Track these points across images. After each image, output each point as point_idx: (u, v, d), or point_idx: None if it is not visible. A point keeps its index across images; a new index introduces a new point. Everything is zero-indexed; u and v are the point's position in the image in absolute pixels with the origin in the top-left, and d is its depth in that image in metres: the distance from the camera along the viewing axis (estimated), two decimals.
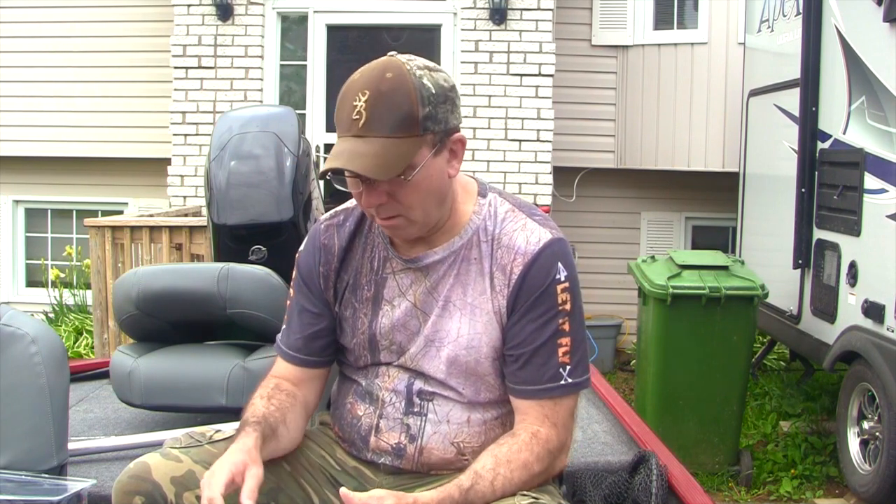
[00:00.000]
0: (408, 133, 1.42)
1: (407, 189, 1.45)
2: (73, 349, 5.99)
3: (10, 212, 7.10)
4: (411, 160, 1.43)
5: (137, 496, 1.45)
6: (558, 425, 1.52)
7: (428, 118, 1.43)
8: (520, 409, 1.54)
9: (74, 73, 6.73)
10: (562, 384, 1.51)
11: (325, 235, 1.66)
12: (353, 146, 1.42)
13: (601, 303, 6.68)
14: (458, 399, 1.58)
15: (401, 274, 1.59)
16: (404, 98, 1.41)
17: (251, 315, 2.58)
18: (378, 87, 1.42)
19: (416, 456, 1.58)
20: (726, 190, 6.25)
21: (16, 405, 1.70)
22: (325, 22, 6.17)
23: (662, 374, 4.23)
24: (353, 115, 1.42)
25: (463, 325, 1.55)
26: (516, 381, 1.53)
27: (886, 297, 3.73)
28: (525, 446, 1.47)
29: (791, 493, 4.21)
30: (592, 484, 2.16)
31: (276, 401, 1.58)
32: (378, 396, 1.61)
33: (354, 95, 1.42)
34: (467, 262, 1.56)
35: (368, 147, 1.41)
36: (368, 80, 1.43)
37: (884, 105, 3.86)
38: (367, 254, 1.63)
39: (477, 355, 1.55)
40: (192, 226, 4.95)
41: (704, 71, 6.41)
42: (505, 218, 1.57)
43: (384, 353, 1.61)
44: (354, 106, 1.42)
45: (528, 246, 1.53)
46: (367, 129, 1.41)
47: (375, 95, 1.41)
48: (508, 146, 6.01)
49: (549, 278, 1.51)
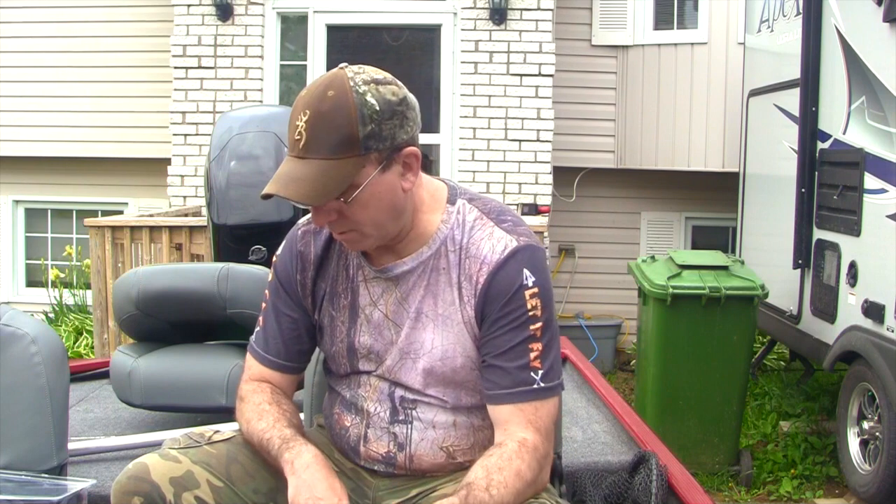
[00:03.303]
0: (348, 154, 1.40)
1: (353, 208, 1.44)
2: (73, 349, 5.99)
3: (10, 212, 7.10)
4: (352, 181, 1.41)
5: (136, 496, 1.45)
6: (542, 431, 1.49)
7: (370, 137, 1.40)
8: (501, 418, 1.50)
9: (74, 73, 6.73)
10: (534, 388, 1.49)
11: (302, 242, 1.64)
12: (292, 168, 1.41)
13: (601, 303, 6.68)
14: (441, 405, 1.57)
15: (372, 282, 1.59)
16: (344, 118, 1.39)
17: (251, 315, 2.58)
18: (318, 108, 1.40)
19: (407, 463, 1.58)
20: (726, 190, 6.25)
21: (16, 405, 1.70)
22: (325, 22, 6.17)
23: (662, 374, 4.23)
24: (294, 136, 1.41)
25: (436, 336, 1.54)
26: (489, 385, 1.51)
27: (886, 297, 3.73)
28: (515, 454, 1.44)
29: (791, 493, 4.21)
30: (592, 484, 2.16)
31: (285, 406, 1.59)
32: (363, 407, 1.60)
33: (298, 114, 1.41)
34: (436, 272, 1.55)
35: (307, 170, 1.40)
36: (310, 98, 1.41)
37: (884, 105, 3.85)
38: (342, 261, 1.62)
39: (453, 365, 1.54)
40: (192, 226, 4.95)
41: (704, 71, 6.41)
42: (473, 226, 1.55)
43: (363, 362, 1.60)
44: (297, 126, 1.41)
45: (493, 255, 1.51)
46: (306, 150, 1.40)
47: (315, 116, 1.39)
48: (508, 146, 6.01)
49: (515, 285, 1.49)
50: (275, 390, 1.63)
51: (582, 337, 6.20)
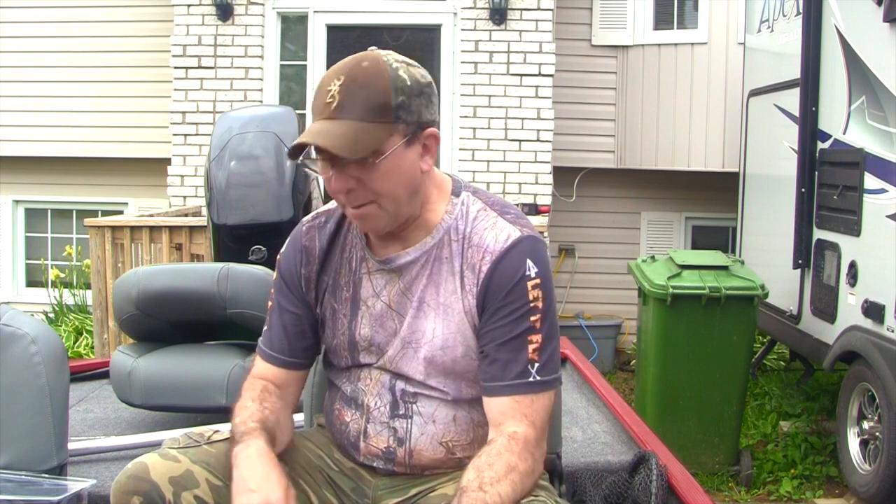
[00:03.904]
0: (379, 119, 1.43)
1: (376, 174, 1.45)
2: (73, 349, 5.99)
3: (10, 212, 7.10)
4: (381, 145, 1.44)
5: (136, 496, 1.45)
6: (536, 425, 1.48)
7: (400, 107, 1.44)
8: (495, 410, 1.49)
9: (74, 73, 6.73)
10: (530, 381, 1.49)
11: (307, 237, 1.65)
12: (322, 126, 1.43)
13: (601, 303, 6.68)
14: (442, 398, 1.57)
15: (375, 274, 1.59)
16: (378, 85, 1.43)
17: (251, 315, 2.58)
18: (353, 74, 1.44)
19: (406, 458, 1.58)
20: (726, 190, 6.25)
21: (16, 405, 1.70)
22: (325, 22, 6.17)
23: (662, 374, 4.23)
24: (326, 99, 1.43)
25: (437, 325, 1.54)
26: (485, 377, 1.51)
27: (886, 297, 3.73)
28: (504, 448, 1.43)
29: (791, 493, 4.21)
30: (592, 484, 2.16)
31: (268, 403, 1.58)
32: (363, 402, 1.60)
33: (330, 81, 1.44)
34: (439, 261, 1.56)
35: (339, 128, 1.42)
36: (344, 67, 1.45)
37: (884, 105, 3.85)
38: (345, 254, 1.63)
39: (453, 355, 1.54)
40: (192, 226, 4.95)
41: (704, 71, 6.41)
42: (476, 217, 1.56)
43: (364, 354, 1.60)
44: (328, 90, 1.43)
45: (496, 244, 1.52)
46: (338, 111, 1.42)
47: (350, 80, 1.43)
48: (508, 146, 6.01)
49: (517, 275, 1.50)
50: (266, 387, 1.63)
51: (582, 337, 6.20)
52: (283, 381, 1.65)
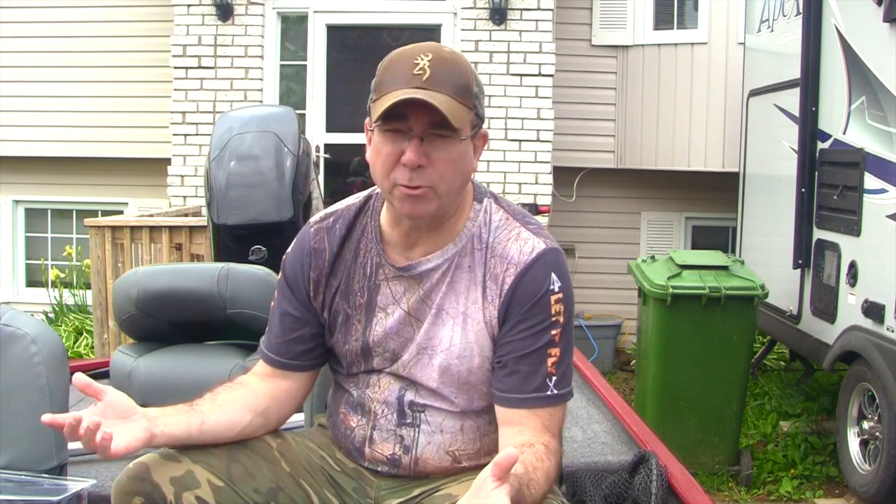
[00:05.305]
0: (464, 100, 1.44)
1: (445, 156, 1.43)
2: (73, 349, 5.98)
3: (10, 212, 7.09)
4: (464, 126, 1.44)
5: (136, 496, 1.44)
6: (557, 437, 1.50)
7: (476, 97, 1.47)
8: (512, 420, 1.48)
9: (74, 73, 6.73)
10: (547, 395, 1.48)
11: (316, 239, 1.62)
12: (418, 93, 1.39)
13: (601, 303, 6.67)
14: (451, 409, 1.56)
15: (394, 281, 1.57)
16: (462, 69, 1.45)
17: (251, 315, 2.58)
18: (439, 53, 1.44)
19: (411, 466, 1.58)
20: (726, 190, 6.25)
21: (16, 405, 1.70)
22: (325, 22, 6.17)
23: (662, 374, 4.23)
24: (415, 71, 1.41)
25: (455, 333, 1.53)
26: (502, 388, 1.50)
27: (886, 297, 3.73)
28: (545, 455, 1.43)
29: (791, 493, 4.21)
30: (592, 484, 2.16)
31: (221, 395, 1.56)
32: (370, 408, 1.59)
33: (415, 56, 1.42)
34: (460, 269, 1.54)
35: (435, 98, 1.39)
36: (425, 47, 1.45)
37: (884, 105, 3.85)
38: (359, 259, 1.60)
39: (469, 365, 1.53)
40: (192, 226, 4.95)
41: (704, 71, 6.40)
42: (499, 226, 1.55)
43: (377, 360, 1.59)
44: (416, 63, 1.41)
45: (520, 256, 1.51)
46: (430, 83, 1.40)
47: (439, 59, 1.43)
48: (508, 146, 6.01)
49: (542, 289, 1.50)
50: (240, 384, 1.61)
51: (582, 337, 6.20)
52: (280, 384, 1.63)
